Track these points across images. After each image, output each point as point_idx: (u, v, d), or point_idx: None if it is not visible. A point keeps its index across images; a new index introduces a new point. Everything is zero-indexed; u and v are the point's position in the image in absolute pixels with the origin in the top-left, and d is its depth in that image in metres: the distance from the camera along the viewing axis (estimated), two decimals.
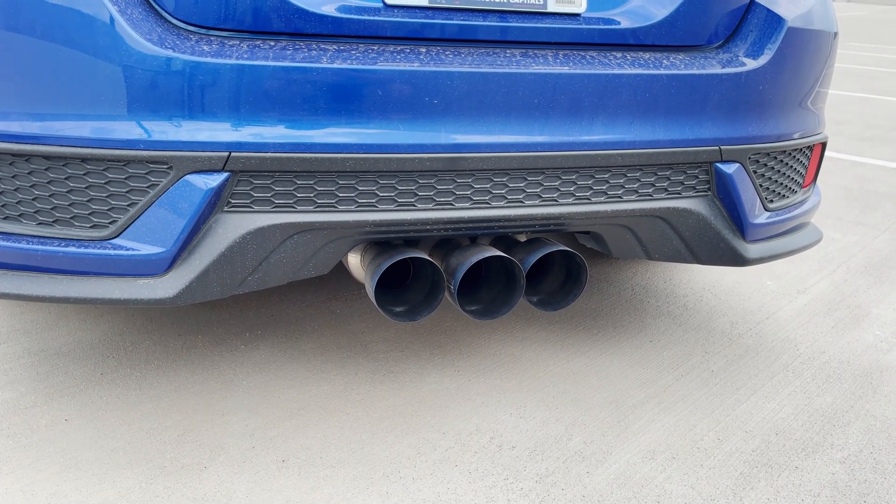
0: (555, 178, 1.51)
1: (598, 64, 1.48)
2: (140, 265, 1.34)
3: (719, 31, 1.62)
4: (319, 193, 1.38)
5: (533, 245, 1.64)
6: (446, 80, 1.36)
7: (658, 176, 1.59)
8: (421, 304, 1.62)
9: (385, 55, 1.35)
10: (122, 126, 1.27)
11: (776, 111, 1.66)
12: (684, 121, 1.55)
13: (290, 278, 1.46)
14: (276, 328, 2.03)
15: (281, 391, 1.74)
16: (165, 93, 1.26)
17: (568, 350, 1.99)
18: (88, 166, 1.29)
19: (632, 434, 1.64)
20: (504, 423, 1.65)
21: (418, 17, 1.39)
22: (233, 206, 1.35)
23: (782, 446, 1.62)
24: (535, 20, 1.47)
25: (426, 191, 1.44)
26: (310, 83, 1.30)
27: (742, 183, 1.66)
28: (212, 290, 1.39)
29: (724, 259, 1.73)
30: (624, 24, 1.53)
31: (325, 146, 1.33)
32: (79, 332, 1.95)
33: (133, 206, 1.32)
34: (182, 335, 1.96)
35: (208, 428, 1.59)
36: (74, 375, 1.75)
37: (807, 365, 1.97)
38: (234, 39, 1.31)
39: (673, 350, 2.02)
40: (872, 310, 2.33)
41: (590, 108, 1.47)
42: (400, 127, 1.36)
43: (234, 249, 1.36)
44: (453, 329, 2.07)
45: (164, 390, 1.71)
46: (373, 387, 1.77)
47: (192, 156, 1.28)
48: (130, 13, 1.26)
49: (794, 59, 1.65)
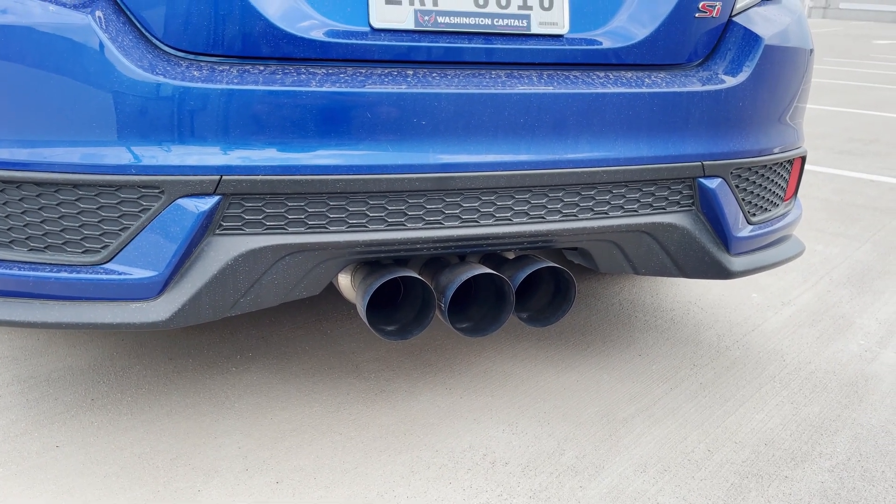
0: (542, 195, 1.53)
1: (581, 83, 1.51)
2: (132, 289, 1.35)
3: (699, 50, 1.66)
4: (310, 215, 1.39)
5: (521, 262, 1.66)
6: (433, 102, 1.39)
7: (643, 192, 1.62)
8: (412, 323, 1.63)
9: (373, 78, 1.38)
10: (114, 152, 1.28)
11: (756, 126, 1.70)
12: (667, 137, 1.58)
13: (281, 300, 1.47)
14: (268, 350, 2.03)
15: (273, 413, 1.74)
16: (156, 118, 1.27)
17: (558, 365, 2.00)
18: (80, 192, 1.30)
19: (623, 447, 1.65)
20: (497, 440, 1.66)
21: (405, 40, 1.42)
22: (224, 228, 1.36)
23: (772, 456, 1.64)
24: (520, 42, 1.50)
25: (416, 210, 1.45)
26: (299, 107, 1.32)
27: (725, 197, 1.69)
28: (204, 313, 1.40)
29: (710, 272, 1.76)
30: (606, 45, 1.56)
31: (316, 168, 1.35)
32: (68, 358, 1.94)
33: (125, 230, 1.33)
34: (173, 359, 1.96)
35: (201, 451, 1.58)
36: (65, 401, 1.75)
37: (793, 375, 2.00)
38: (224, 64, 1.33)
39: (662, 363, 2.04)
40: (856, 320, 2.37)
41: (575, 126, 1.50)
42: (389, 148, 1.38)
43: (226, 272, 1.37)
44: (444, 347, 2.08)
45: (155, 414, 1.71)
46: (365, 406, 1.78)
47: (183, 180, 1.30)
48: (121, 40, 1.27)
49: (771, 75, 1.69)
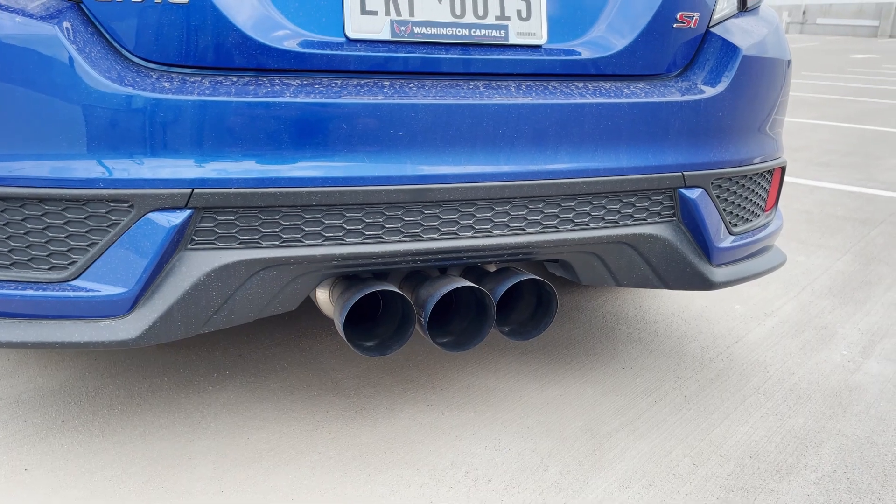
0: (522, 207, 1.51)
1: (560, 94, 1.50)
2: (101, 306, 1.31)
3: (677, 60, 1.65)
4: (285, 228, 1.36)
5: (502, 275, 1.64)
6: (411, 113, 1.37)
7: (623, 203, 1.60)
8: (391, 338, 1.60)
9: (349, 89, 1.36)
10: (82, 165, 1.24)
11: (736, 137, 1.69)
12: (647, 148, 1.57)
13: (256, 315, 1.44)
14: (245, 368, 1.99)
15: (250, 432, 1.69)
16: (126, 131, 1.24)
17: (541, 380, 1.98)
18: (46, 207, 1.26)
19: (608, 462, 1.62)
20: (479, 457, 1.63)
21: (381, 50, 1.40)
22: (196, 243, 1.33)
23: (757, 469, 1.62)
24: (498, 52, 1.49)
25: (394, 223, 1.43)
26: (273, 118, 1.30)
27: (706, 208, 1.68)
28: (176, 330, 1.36)
29: (692, 283, 1.75)
30: (585, 55, 1.55)
31: (291, 180, 1.32)
32: (39, 379, 1.89)
33: (93, 246, 1.29)
34: (147, 378, 1.91)
35: (175, 473, 1.54)
36: (34, 423, 1.69)
37: (777, 387, 1.98)
38: (196, 76, 1.30)
39: (645, 376, 2.02)
40: (838, 330, 2.36)
41: (554, 137, 1.48)
42: (365, 160, 1.36)
43: (199, 287, 1.33)
44: (425, 362, 2.05)
45: (128, 436, 1.66)
46: (344, 424, 1.74)
47: (153, 193, 1.26)
48: (89, 51, 1.24)
49: (750, 85, 1.68)
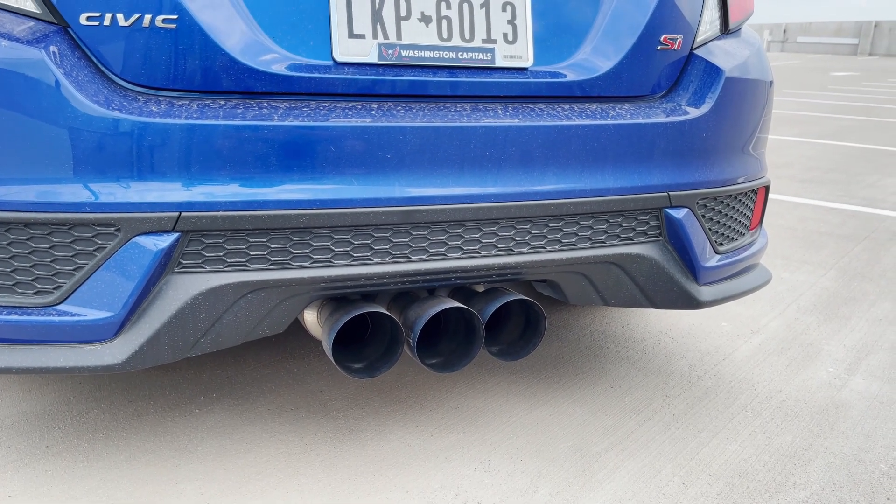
0: (510, 227, 1.52)
1: (546, 116, 1.51)
2: (87, 331, 1.30)
3: (662, 82, 1.67)
4: (273, 251, 1.36)
5: (491, 295, 1.64)
6: (398, 135, 1.37)
7: (610, 223, 1.61)
8: (380, 360, 1.60)
9: (337, 112, 1.36)
10: (68, 189, 1.24)
11: (720, 157, 1.71)
12: (633, 168, 1.59)
13: (244, 338, 1.43)
14: (232, 390, 1.97)
15: (237, 455, 1.68)
16: (113, 154, 1.24)
17: (530, 399, 1.97)
18: (31, 231, 1.25)
19: (597, 483, 1.62)
20: (469, 479, 1.62)
21: (369, 73, 1.41)
22: (184, 266, 1.32)
23: (746, 488, 1.62)
24: (484, 75, 1.50)
25: (382, 244, 1.43)
26: (261, 141, 1.30)
27: (692, 227, 1.70)
28: (163, 355, 1.35)
29: (679, 302, 1.76)
30: (570, 77, 1.57)
31: (278, 203, 1.32)
32: (22, 403, 1.86)
33: (79, 270, 1.28)
34: (133, 402, 1.89)
35: (161, 498, 1.52)
36: (18, 449, 1.67)
37: (765, 404, 1.99)
38: (184, 99, 1.30)
39: (634, 395, 2.02)
40: (824, 347, 2.38)
41: (541, 158, 1.49)
42: (354, 182, 1.36)
43: (186, 311, 1.33)
44: (414, 384, 2.04)
45: (113, 461, 1.64)
46: (333, 447, 1.73)
47: (140, 217, 1.26)
48: (76, 75, 1.24)
49: (733, 106, 1.71)
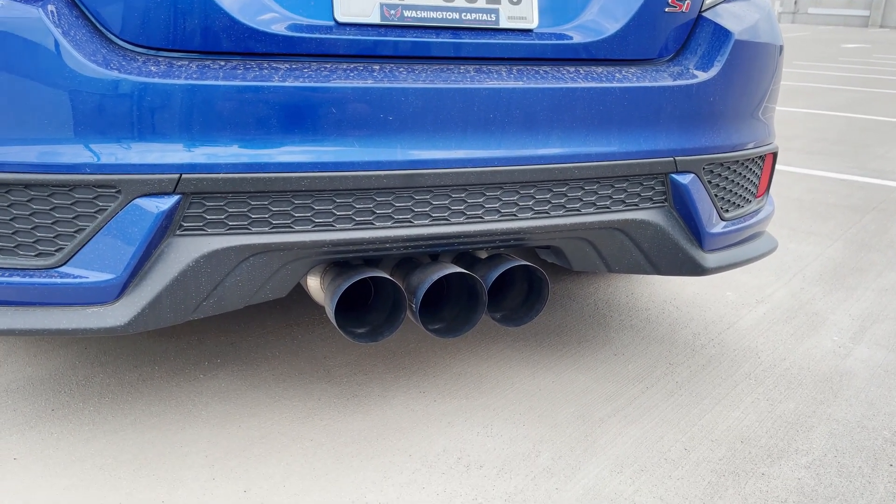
0: (513, 192, 1.51)
1: (551, 78, 1.49)
2: (89, 293, 1.30)
3: (669, 45, 1.65)
4: (275, 214, 1.35)
5: (494, 261, 1.63)
6: (401, 97, 1.35)
7: (615, 188, 1.60)
8: (383, 325, 1.59)
9: (338, 73, 1.34)
10: (68, 150, 1.23)
11: (727, 122, 1.69)
12: (639, 133, 1.57)
13: (246, 302, 1.43)
14: (236, 356, 1.98)
15: (241, 420, 1.69)
16: (112, 115, 1.23)
17: (533, 366, 1.98)
18: (32, 192, 1.25)
19: (599, 448, 1.62)
20: (471, 443, 1.63)
21: (371, 34, 1.39)
22: (185, 229, 1.32)
23: (748, 454, 1.62)
24: (489, 36, 1.47)
25: (384, 208, 1.42)
26: (262, 102, 1.28)
27: (698, 193, 1.68)
28: (165, 317, 1.35)
29: (683, 269, 1.74)
30: (576, 39, 1.54)
31: (280, 165, 1.31)
32: (28, 368, 1.88)
33: (80, 232, 1.28)
34: (138, 367, 1.90)
35: (166, 461, 1.53)
36: (24, 412, 1.68)
37: (768, 372, 1.99)
38: (183, 60, 1.29)
39: (637, 363, 2.02)
40: (829, 317, 2.37)
41: (545, 122, 1.48)
42: (355, 144, 1.35)
43: (188, 274, 1.32)
44: (417, 350, 2.04)
45: (119, 424, 1.65)
46: (337, 412, 1.73)
47: (141, 179, 1.25)
48: (74, 35, 1.22)
49: (742, 70, 1.68)
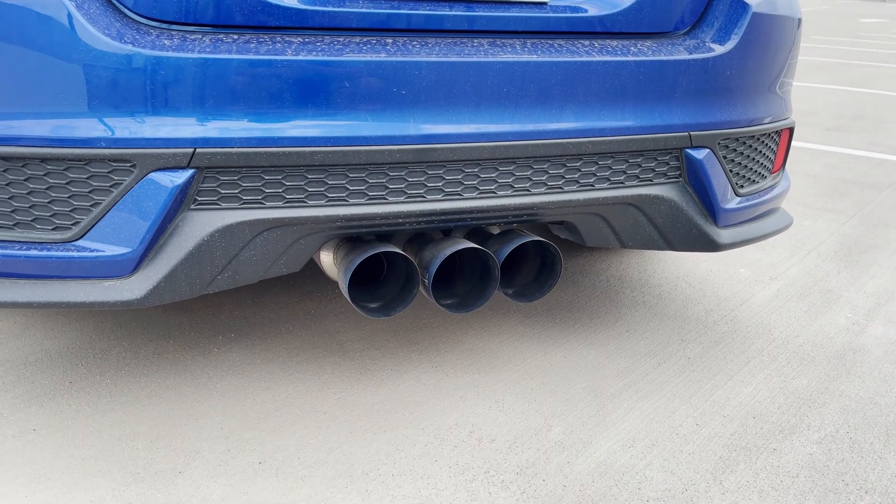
0: (526, 167, 1.50)
1: (566, 52, 1.48)
2: (105, 267, 1.31)
3: (685, 18, 1.62)
4: (288, 188, 1.36)
5: (507, 236, 1.63)
6: (414, 71, 1.35)
7: (629, 163, 1.59)
8: (395, 300, 1.60)
9: (351, 46, 1.34)
10: (83, 124, 1.23)
11: (743, 96, 1.67)
12: (653, 107, 1.55)
13: (260, 276, 1.44)
14: (250, 330, 2.00)
15: (256, 393, 1.71)
16: (126, 89, 1.23)
17: (545, 342, 1.98)
18: (48, 167, 1.26)
19: (611, 423, 1.63)
20: (483, 417, 1.64)
21: (384, 7, 1.38)
22: (199, 203, 1.32)
23: (760, 429, 1.63)
24: (503, 9, 1.46)
25: (397, 183, 1.42)
26: (275, 76, 1.28)
27: (712, 168, 1.67)
28: (180, 291, 1.36)
29: (697, 245, 1.74)
30: (591, 12, 1.53)
31: (293, 140, 1.31)
32: (46, 341, 1.90)
33: (96, 206, 1.29)
34: (153, 340, 1.92)
35: (182, 433, 1.55)
36: (42, 385, 1.71)
37: (781, 349, 1.99)
38: (197, 34, 1.28)
39: (649, 339, 2.02)
40: (843, 293, 2.36)
41: (559, 96, 1.46)
42: (368, 119, 1.34)
43: (203, 248, 1.33)
44: (429, 325, 2.05)
45: (135, 396, 1.68)
46: (349, 385, 1.75)
47: (155, 153, 1.25)
48: (87, 8, 1.22)
49: (759, 44, 1.66)
